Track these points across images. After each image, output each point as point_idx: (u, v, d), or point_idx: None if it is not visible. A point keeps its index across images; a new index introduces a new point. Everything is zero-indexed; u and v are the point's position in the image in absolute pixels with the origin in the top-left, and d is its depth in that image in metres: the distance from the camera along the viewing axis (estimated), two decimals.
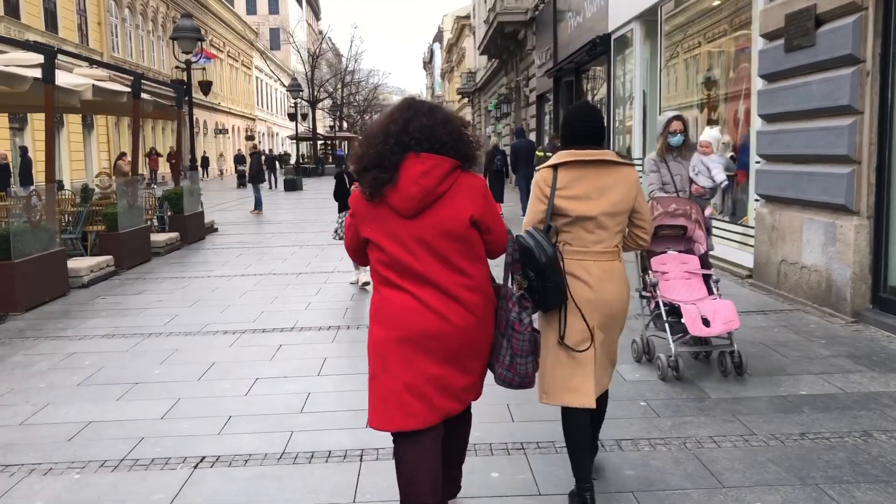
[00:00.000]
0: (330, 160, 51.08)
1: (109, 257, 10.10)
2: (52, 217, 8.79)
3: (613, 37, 14.11)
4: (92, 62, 13.39)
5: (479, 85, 45.44)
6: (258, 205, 19.78)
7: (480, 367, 2.95)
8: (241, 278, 9.70)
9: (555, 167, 3.29)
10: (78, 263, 9.33)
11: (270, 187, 31.04)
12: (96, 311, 7.81)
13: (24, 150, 21.18)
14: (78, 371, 5.65)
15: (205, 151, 42.74)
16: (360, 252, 2.97)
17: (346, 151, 57.77)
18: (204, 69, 26.39)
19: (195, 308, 7.88)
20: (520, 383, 2.96)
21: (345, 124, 63.32)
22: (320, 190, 31.88)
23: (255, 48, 61.18)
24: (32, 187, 18.64)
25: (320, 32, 78.29)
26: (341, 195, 8.64)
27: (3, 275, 7.67)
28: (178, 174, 14.85)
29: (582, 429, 3.29)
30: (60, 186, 14.61)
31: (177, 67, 19.03)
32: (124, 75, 14.09)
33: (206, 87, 17.86)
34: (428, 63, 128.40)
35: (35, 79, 8.82)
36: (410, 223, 2.73)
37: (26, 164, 20.10)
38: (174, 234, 12.73)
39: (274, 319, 7.23)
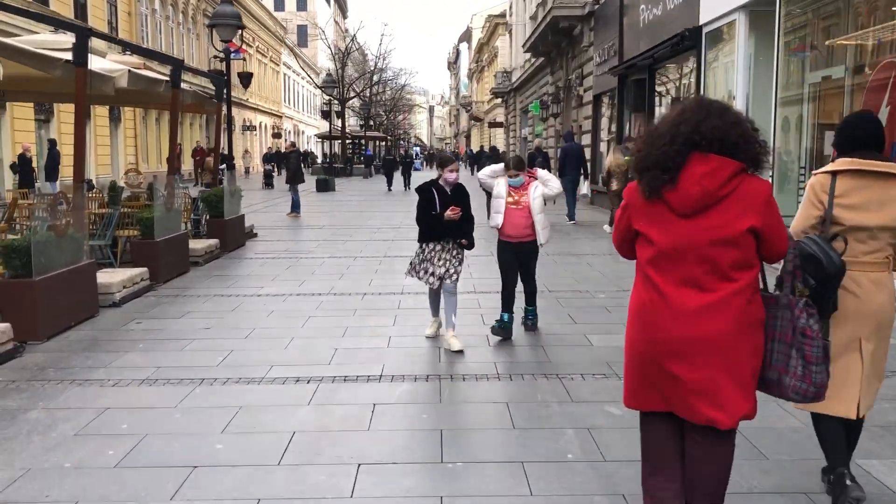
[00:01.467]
0: (359, 160, 49.76)
1: (144, 269, 8.73)
2: (80, 224, 7.42)
3: (706, 30, 12.57)
4: (126, 46, 12.03)
5: (515, 85, 43.96)
6: (296, 207, 18.41)
7: (740, 378, 2.67)
8: (298, 298, 8.28)
9: (833, 174, 3.25)
10: (109, 277, 7.96)
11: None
12: (132, 342, 6.42)
13: (52, 142, 19.75)
14: (114, 442, 4.24)
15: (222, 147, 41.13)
16: (628, 244, 2.89)
17: (374, 151, 56.60)
18: (244, 60, 25.05)
19: (252, 341, 6.47)
20: (815, 394, 2.77)
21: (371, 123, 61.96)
22: (353, 191, 30.55)
23: (283, 44, 60.07)
24: (57, 185, 17.39)
25: (347, 30, 77.22)
26: (430, 223, 6.15)
27: (22, 296, 6.32)
28: (216, 173, 13.49)
29: (834, 442, 3.30)
30: (90, 186, 13.30)
31: (215, 57, 17.67)
32: (161, 63, 12.79)
33: (245, 79, 16.42)
34: (453, 63, 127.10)
35: (66, 61, 7.47)
36: (685, 222, 2.65)
37: (53, 158, 18.73)
38: (213, 241, 11.36)
39: (353, 361, 5.80)
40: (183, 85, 11.55)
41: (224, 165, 15.75)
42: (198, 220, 12.83)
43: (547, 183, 6.42)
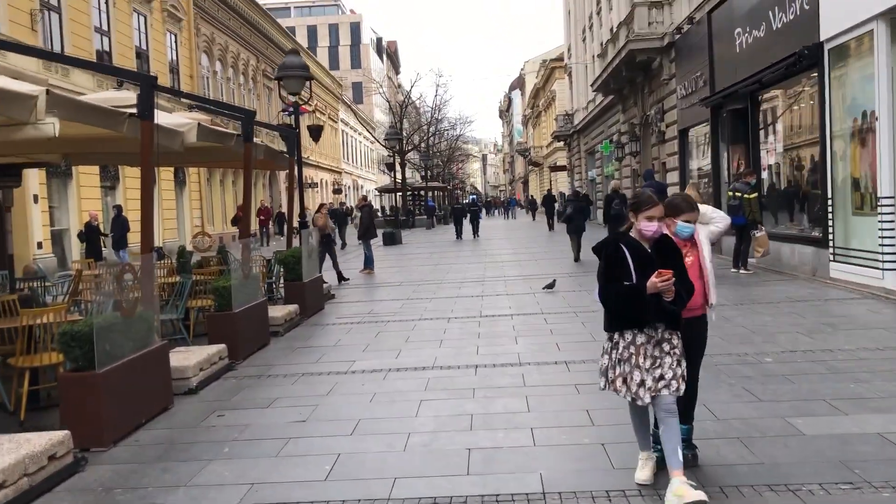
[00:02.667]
0: (421, 211, 48.99)
1: (222, 346, 7.62)
2: (150, 299, 6.35)
3: (828, 46, 11.15)
4: (192, 99, 11.23)
5: (578, 127, 42.80)
6: (369, 263, 17.38)
7: None
8: (400, 375, 7.03)
9: None
10: (183, 360, 6.86)
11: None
12: (216, 444, 5.22)
13: (118, 209, 18.78)
14: None
15: (280, 206, 39.63)
16: None
17: (435, 202, 55.94)
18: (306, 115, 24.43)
19: (360, 439, 5.21)
20: None
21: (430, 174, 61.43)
22: (421, 242, 29.55)
23: (340, 100, 60.40)
24: (127, 255, 16.67)
25: (400, 86, 77.66)
26: (624, 300, 3.99)
27: (83, 394, 5.22)
28: (291, 233, 12.51)
29: None
30: (160, 255, 12.41)
31: (283, 111, 16.92)
32: (229, 118, 11.96)
33: (315, 132, 15.45)
34: (505, 111, 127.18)
35: (131, 114, 6.52)
36: None
37: (122, 225, 17.76)
38: (292, 308, 10.26)
39: (498, 469, 4.47)
40: (257, 139, 10.68)
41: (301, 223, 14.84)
42: (271, 283, 11.81)
43: (711, 219, 4.54)
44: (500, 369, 7.04)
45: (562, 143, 50.53)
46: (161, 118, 8.06)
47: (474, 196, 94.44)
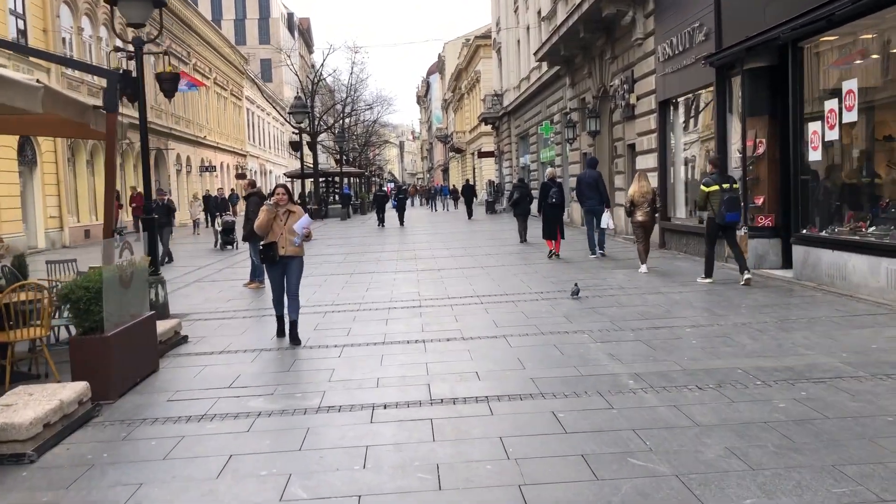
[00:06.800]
0: (335, 200, 44.07)
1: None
2: None
3: None
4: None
5: (509, 108, 38.77)
6: (256, 274, 12.57)
7: None
8: None
9: None
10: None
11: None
12: None
13: None
14: None
15: (168, 192, 31.29)
16: None
17: (352, 189, 50.93)
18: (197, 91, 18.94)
19: None
20: None
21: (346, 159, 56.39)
22: (334, 238, 24.77)
23: (245, 76, 54.51)
24: None
25: (313, 66, 71.82)
26: None
27: None
28: (110, 227, 7.63)
29: None
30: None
31: (115, 50, 11.74)
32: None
33: (168, 83, 10.05)
34: (423, 97, 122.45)
35: None
36: None
37: None
38: (71, 393, 5.46)
39: None
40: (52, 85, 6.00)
41: (147, 220, 9.98)
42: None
43: None
44: None
45: (489, 127, 46.47)
46: None
47: (392, 182, 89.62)
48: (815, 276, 9.83)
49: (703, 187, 10.61)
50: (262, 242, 7.92)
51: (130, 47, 9.56)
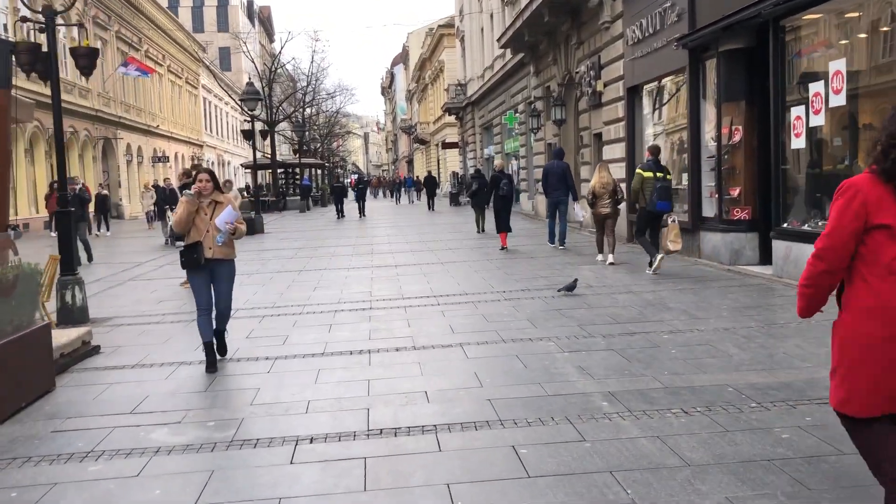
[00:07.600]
0: (294, 192, 42.80)
1: None
2: None
3: None
4: None
5: (472, 98, 37.86)
6: None
7: None
8: None
9: None
10: None
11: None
12: None
13: None
14: None
15: (105, 185, 28.97)
16: (849, 250, 2.71)
17: (314, 181, 49.58)
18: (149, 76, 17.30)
19: None
20: None
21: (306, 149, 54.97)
22: (290, 230, 23.67)
23: (201, 64, 52.77)
24: None
25: (272, 55, 69.96)
26: None
27: None
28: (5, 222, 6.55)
29: None
30: None
31: (22, 20, 10.56)
32: None
33: (85, 58, 8.74)
34: (388, 88, 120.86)
35: None
36: None
37: None
38: None
39: None
40: None
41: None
42: None
43: None
44: None
45: (453, 118, 45.54)
46: None
47: (356, 174, 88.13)
48: (798, 273, 9.06)
49: (639, 170, 10.64)
50: (182, 243, 6.49)
51: (40, 17, 8.41)
